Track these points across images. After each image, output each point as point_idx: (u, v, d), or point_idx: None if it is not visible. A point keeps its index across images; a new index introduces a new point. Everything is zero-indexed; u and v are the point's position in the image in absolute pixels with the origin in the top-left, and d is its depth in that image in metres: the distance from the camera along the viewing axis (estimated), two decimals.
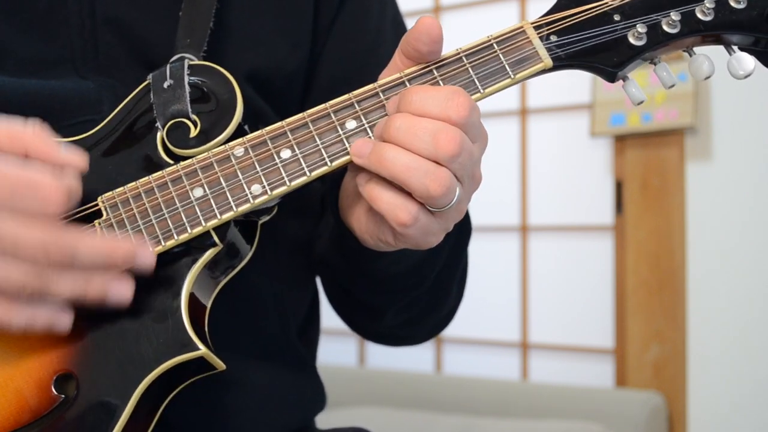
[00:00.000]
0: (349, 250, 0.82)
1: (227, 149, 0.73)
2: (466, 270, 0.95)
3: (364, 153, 0.68)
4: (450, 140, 0.65)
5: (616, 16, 0.71)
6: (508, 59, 0.71)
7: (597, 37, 0.71)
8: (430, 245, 0.72)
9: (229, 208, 0.72)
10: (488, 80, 0.71)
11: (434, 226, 0.70)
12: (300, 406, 0.94)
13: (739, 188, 1.89)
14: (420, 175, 0.65)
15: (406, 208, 0.67)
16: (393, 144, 0.66)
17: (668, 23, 0.71)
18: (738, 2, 0.70)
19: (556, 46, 0.71)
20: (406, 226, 0.67)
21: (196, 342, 0.71)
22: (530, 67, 0.71)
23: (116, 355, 0.71)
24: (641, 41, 0.71)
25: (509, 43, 0.71)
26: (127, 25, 0.85)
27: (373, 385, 2.19)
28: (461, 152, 0.66)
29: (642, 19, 0.71)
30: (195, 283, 0.74)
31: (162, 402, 0.74)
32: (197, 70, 0.78)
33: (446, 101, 0.66)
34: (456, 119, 0.66)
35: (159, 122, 0.76)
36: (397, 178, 0.66)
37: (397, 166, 0.66)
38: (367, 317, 0.96)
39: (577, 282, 2.10)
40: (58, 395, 0.71)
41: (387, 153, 0.66)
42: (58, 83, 0.83)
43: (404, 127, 0.66)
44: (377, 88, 0.72)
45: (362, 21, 0.97)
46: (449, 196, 0.66)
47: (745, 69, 0.71)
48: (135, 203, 0.73)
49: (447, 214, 0.69)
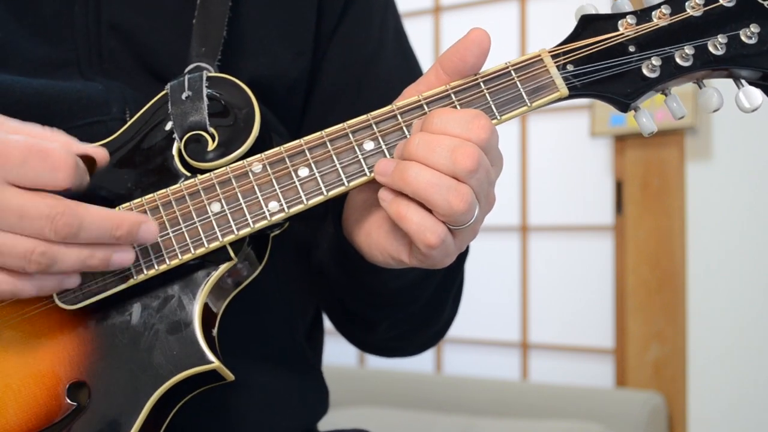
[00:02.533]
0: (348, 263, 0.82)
1: (245, 165, 0.73)
2: (461, 286, 0.96)
3: (387, 171, 0.69)
4: (468, 156, 0.65)
5: (631, 47, 0.72)
6: (525, 87, 0.72)
7: (612, 67, 0.72)
8: (444, 265, 0.72)
9: (246, 225, 0.72)
10: (505, 107, 0.72)
11: (453, 247, 0.70)
12: (304, 410, 0.94)
13: (739, 188, 1.89)
14: (443, 191, 0.66)
15: (435, 230, 0.67)
16: (414, 161, 0.67)
17: (681, 56, 0.72)
18: (749, 38, 0.71)
19: (572, 76, 0.72)
20: (433, 247, 0.68)
21: (209, 355, 0.72)
22: (547, 95, 0.72)
23: (129, 366, 0.72)
24: (655, 73, 0.72)
25: (527, 70, 0.72)
26: (132, 31, 0.86)
27: (373, 385, 2.19)
28: (479, 168, 0.66)
29: (656, 52, 0.72)
30: (208, 296, 0.74)
31: (171, 411, 0.74)
32: (215, 82, 0.77)
33: (468, 123, 0.67)
34: (476, 140, 0.67)
35: (176, 133, 0.76)
36: (419, 194, 0.66)
37: (420, 182, 0.66)
38: (361, 329, 0.97)
39: (577, 282, 2.10)
40: (71, 403, 0.72)
41: (410, 170, 0.67)
42: (66, 84, 0.83)
43: (423, 143, 0.67)
44: (395, 110, 0.72)
45: (364, 30, 0.97)
46: (471, 213, 0.67)
47: (753, 103, 0.71)
48: (153, 216, 0.73)
49: (464, 233, 0.70)
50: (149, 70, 0.85)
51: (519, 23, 2.18)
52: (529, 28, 2.17)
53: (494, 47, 0.75)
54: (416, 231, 0.68)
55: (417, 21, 2.32)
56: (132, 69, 0.85)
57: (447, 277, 0.89)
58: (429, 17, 2.32)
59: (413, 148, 0.67)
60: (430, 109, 0.72)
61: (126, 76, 0.85)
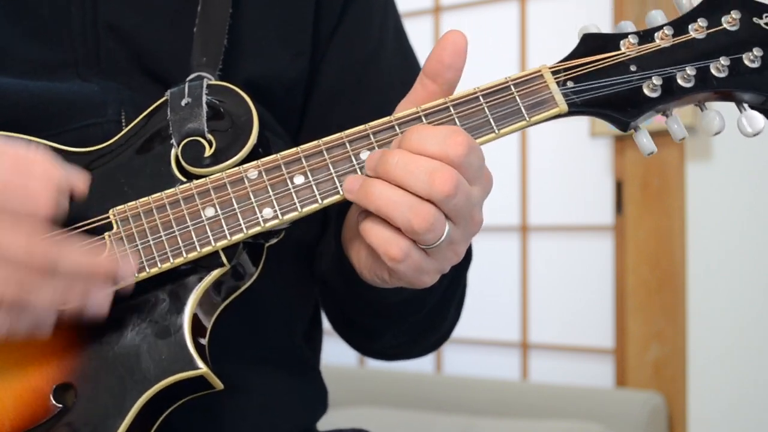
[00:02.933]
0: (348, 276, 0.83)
1: (241, 171, 0.73)
2: (464, 294, 0.95)
3: (353, 188, 0.69)
4: (445, 180, 0.65)
5: (632, 66, 0.72)
6: (524, 102, 0.72)
7: (613, 86, 0.72)
8: (423, 284, 0.72)
9: (240, 230, 0.72)
10: (504, 121, 0.72)
11: (427, 265, 0.69)
12: (303, 411, 0.94)
13: (739, 188, 1.89)
14: (404, 209, 0.65)
15: (397, 243, 0.67)
16: (386, 180, 0.67)
17: (683, 77, 0.71)
18: (752, 61, 0.71)
19: (572, 92, 0.72)
20: (397, 261, 0.67)
21: (197, 361, 0.71)
22: (546, 111, 0.71)
23: (116, 369, 0.72)
24: (656, 93, 0.71)
25: (527, 86, 0.72)
26: (129, 32, 0.85)
27: (373, 385, 2.19)
28: (456, 193, 0.66)
29: (657, 72, 0.71)
30: (199, 302, 0.74)
31: (159, 417, 0.74)
32: (215, 90, 0.77)
33: (445, 139, 0.66)
34: (453, 157, 0.66)
35: (174, 139, 0.76)
36: (381, 211, 0.67)
37: (383, 200, 0.66)
38: (364, 337, 0.97)
39: (577, 282, 2.10)
40: (56, 405, 0.71)
41: (374, 188, 0.67)
42: (63, 85, 0.83)
43: (402, 163, 0.67)
44: (393, 121, 0.72)
45: (364, 31, 0.96)
46: (435, 233, 0.66)
47: (755, 127, 0.71)
48: (146, 218, 0.73)
49: (440, 254, 0.69)
50: (147, 71, 0.85)
51: (519, 23, 2.18)
52: (529, 28, 2.17)
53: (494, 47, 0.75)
54: (378, 244, 0.68)
55: (417, 21, 2.32)
56: (130, 70, 0.85)
57: (449, 288, 0.88)
58: (429, 17, 2.32)
59: (391, 168, 0.67)
60: (428, 120, 0.71)
61: (124, 77, 0.85)
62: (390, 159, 0.67)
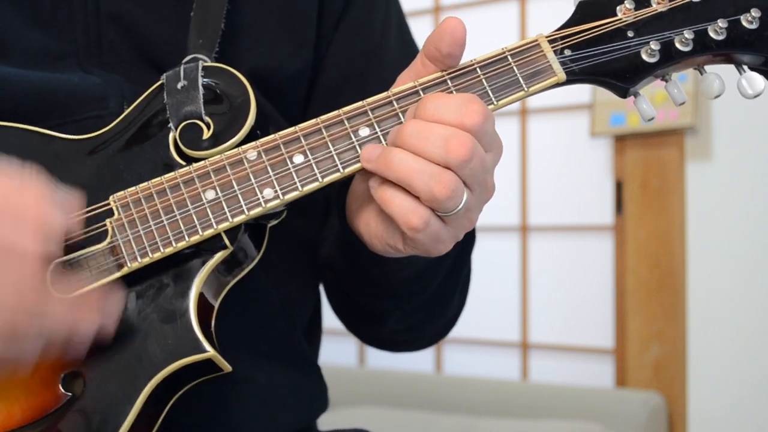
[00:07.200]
0: (353, 255, 0.82)
1: (240, 152, 0.73)
2: (469, 277, 0.95)
3: (372, 157, 0.69)
4: (461, 145, 0.65)
5: (629, 32, 0.72)
6: (522, 72, 0.71)
7: (611, 52, 0.71)
8: (439, 252, 0.72)
9: (241, 212, 0.72)
10: (502, 92, 0.71)
11: (444, 234, 0.70)
12: (303, 407, 0.94)
13: (739, 188, 1.89)
14: (425, 177, 0.66)
15: (418, 212, 0.67)
16: (403, 149, 0.67)
17: (681, 41, 0.71)
18: (750, 23, 0.71)
19: (570, 61, 0.71)
20: (417, 230, 0.67)
21: (204, 344, 0.72)
22: (544, 80, 0.71)
23: (124, 355, 0.72)
24: (654, 58, 0.71)
25: (524, 55, 0.72)
26: (131, 22, 0.86)
27: (373, 385, 2.19)
28: (472, 158, 0.66)
29: (655, 37, 0.71)
30: (204, 285, 0.74)
31: (168, 402, 0.74)
32: (211, 72, 0.77)
33: (460, 107, 0.67)
34: (470, 126, 0.66)
35: (172, 123, 0.76)
36: (402, 180, 0.67)
37: (403, 168, 0.66)
38: (369, 322, 0.97)
39: (577, 282, 2.10)
40: (65, 393, 0.72)
41: (394, 156, 0.67)
42: (64, 77, 0.83)
43: (416, 131, 0.67)
44: (391, 96, 0.72)
45: (367, 23, 0.97)
46: (455, 200, 0.66)
47: (755, 89, 0.71)
48: (147, 203, 0.73)
49: (457, 221, 0.69)
50: (148, 62, 0.85)
51: (519, 23, 2.18)
52: (529, 28, 2.17)
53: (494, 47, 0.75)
54: (398, 213, 0.68)
55: (417, 21, 2.32)
56: (131, 60, 0.85)
57: (454, 266, 0.89)
58: (429, 17, 2.32)
59: (406, 137, 0.67)
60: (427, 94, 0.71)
61: (125, 67, 0.85)
62: (405, 128, 0.67)
